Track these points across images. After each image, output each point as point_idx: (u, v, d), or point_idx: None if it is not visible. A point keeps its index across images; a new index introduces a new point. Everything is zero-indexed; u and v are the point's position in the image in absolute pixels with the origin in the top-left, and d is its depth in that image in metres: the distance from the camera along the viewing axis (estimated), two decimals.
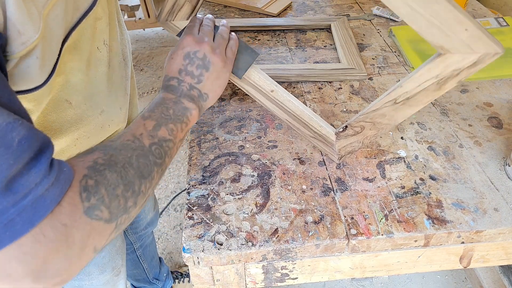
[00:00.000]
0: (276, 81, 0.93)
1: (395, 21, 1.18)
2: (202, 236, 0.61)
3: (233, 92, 0.91)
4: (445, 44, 0.52)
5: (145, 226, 1.09)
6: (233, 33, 0.66)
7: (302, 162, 0.73)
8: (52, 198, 0.36)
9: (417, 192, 0.67)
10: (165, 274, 1.34)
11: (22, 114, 0.37)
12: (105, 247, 0.71)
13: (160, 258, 1.33)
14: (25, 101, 0.48)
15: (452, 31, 0.51)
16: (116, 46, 0.67)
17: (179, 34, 0.66)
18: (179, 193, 1.82)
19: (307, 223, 0.63)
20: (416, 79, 0.58)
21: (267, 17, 1.22)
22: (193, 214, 0.65)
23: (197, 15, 0.67)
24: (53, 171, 0.37)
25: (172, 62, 0.58)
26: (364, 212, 0.64)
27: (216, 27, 0.65)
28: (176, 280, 1.44)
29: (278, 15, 1.22)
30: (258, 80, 0.73)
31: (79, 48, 0.55)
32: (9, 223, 0.33)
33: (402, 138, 0.78)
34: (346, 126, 0.69)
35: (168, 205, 1.78)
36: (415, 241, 0.62)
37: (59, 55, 0.49)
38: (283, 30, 1.15)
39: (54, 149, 0.39)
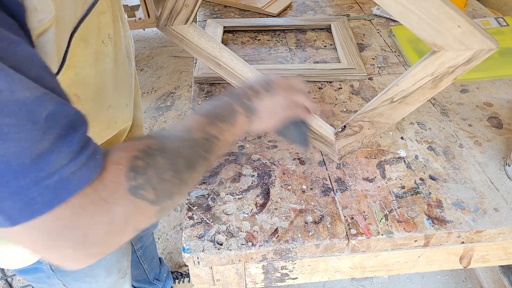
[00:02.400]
0: None
1: (395, 21, 1.18)
2: (202, 236, 0.61)
3: None
4: (438, 41, 0.52)
5: None
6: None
7: (302, 162, 0.73)
8: (77, 183, 0.36)
9: (417, 192, 0.67)
10: (165, 275, 1.34)
11: (55, 89, 0.37)
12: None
13: (160, 259, 1.33)
14: None
15: (444, 28, 0.51)
16: (120, 42, 0.67)
17: None
18: None
19: (307, 223, 0.63)
20: (411, 77, 0.58)
21: (267, 17, 1.22)
22: (193, 214, 0.65)
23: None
24: (84, 153, 0.37)
25: (258, 79, 0.61)
26: (364, 212, 0.64)
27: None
28: (176, 280, 1.44)
29: (278, 15, 1.22)
30: (255, 75, 0.73)
31: (86, 41, 0.55)
32: (30, 201, 0.33)
33: (402, 138, 0.78)
34: (345, 126, 0.69)
35: None
36: (415, 241, 0.62)
37: (68, 46, 0.50)
38: (283, 30, 1.15)
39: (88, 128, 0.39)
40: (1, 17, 0.35)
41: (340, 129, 0.70)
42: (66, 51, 0.49)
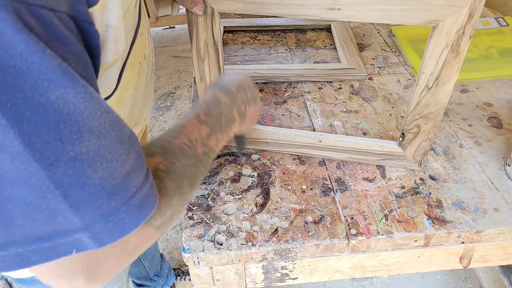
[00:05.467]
0: (276, 81, 0.94)
1: None
2: (202, 236, 0.61)
3: None
4: (431, 18, 0.53)
5: None
6: None
7: (302, 162, 0.73)
8: (153, 199, 0.36)
9: (417, 192, 0.67)
10: (166, 271, 1.34)
11: None
12: None
13: (161, 255, 1.33)
14: None
15: (427, 4, 0.52)
16: (151, 59, 0.68)
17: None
18: None
19: (307, 223, 0.63)
20: (431, 59, 0.57)
21: (267, 17, 1.22)
22: (193, 214, 0.65)
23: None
24: (149, 172, 0.37)
25: (239, 78, 0.58)
26: (364, 212, 0.64)
27: None
28: (178, 278, 1.45)
29: None
30: (303, 138, 0.73)
31: (133, 64, 0.56)
32: (119, 221, 0.33)
33: None
34: (403, 133, 0.67)
35: None
36: (415, 241, 0.62)
37: (122, 70, 0.50)
38: (283, 30, 1.15)
39: None
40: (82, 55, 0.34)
41: (401, 138, 0.68)
42: (120, 76, 0.49)
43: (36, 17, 0.28)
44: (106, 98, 0.47)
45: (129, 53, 0.52)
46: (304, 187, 0.69)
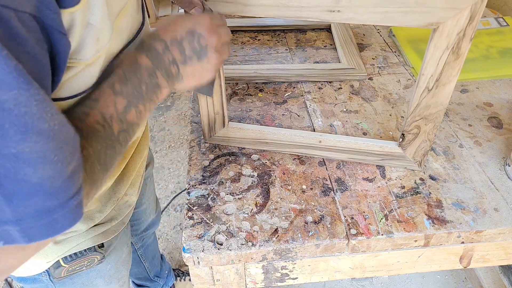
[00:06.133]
0: (276, 81, 0.94)
1: None
2: (202, 236, 0.61)
3: (233, 92, 0.91)
4: (432, 20, 0.53)
5: (145, 228, 1.09)
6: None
7: (302, 162, 0.73)
8: (81, 206, 0.36)
9: (417, 192, 0.67)
10: (166, 272, 1.34)
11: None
12: (111, 259, 0.71)
13: (161, 256, 1.33)
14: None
15: (428, 6, 0.51)
16: None
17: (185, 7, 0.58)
18: (179, 193, 1.82)
19: (307, 223, 0.63)
20: (431, 61, 0.57)
21: (267, 17, 1.22)
22: (193, 214, 0.65)
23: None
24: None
25: (172, 26, 0.49)
26: (364, 212, 0.64)
27: None
28: (178, 278, 1.44)
29: None
30: (303, 138, 0.73)
31: None
32: (53, 221, 0.34)
33: None
34: (403, 134, 0.68)
35: (168, 205, 1.78)
36: (415, 241, 0.62)
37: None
38: (283, 30, 1.15)
39: None
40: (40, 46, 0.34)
41: (401, 139, 0.68)
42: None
43: None
44: (85, 92, 0.45)
45: (121, 52, 0.51)
46: (304, 187, 0.69)
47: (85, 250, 0.64)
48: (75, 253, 0.63)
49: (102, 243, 0.67)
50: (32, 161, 0.31)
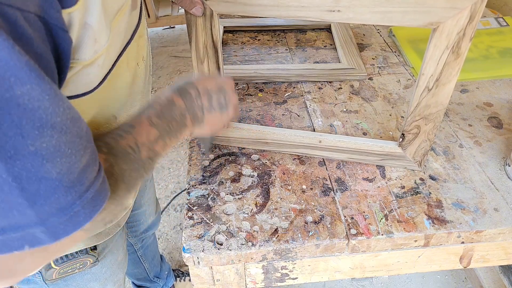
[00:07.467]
0: (276, 81, 0.94)
1: None
2: (202, 236, 0.61)
3: None
4: (432, 20, 0.53)
5: (145, 229, 1.09)
6: None
7: (302, 162, 0.73)
8: (105, 193, 0.37)
9: (417, 192, 0.67)
10: (166, 272, 1.34)
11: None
12: (106, 261, 0.71)
13: (161, 256, 1.33)
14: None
15: (428, 6, 0.51)
16: (148, 63, 0.68)
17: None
18: (179, 193, 1.82)
19: (307, 223, 0.63)
20: (431, 60, 0.57)
21: (267, 17, 1.22)
22: (193, 214, 0.65)
23: None
24: (101, 166, 0.38)
25: (207, 79, 0.58)
26: (364, 212, 0.64)
27: None
28: (178, 279, 1.44)
29: None
30: (303, 138, 0.73)
31: (127, 64, 0.56)
32: (74, 215, 0.34)
33: None
34: (403, 134, 0.67)
35: (168, 205, 1.78)
36: (415, 241, 0.62)
37: (112, 67, 0.50)
38: (283, 30, 1.15)
39: None
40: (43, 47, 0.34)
41: (401, 139, 0.68)
42: (108, 73, 0.50)
43: (1, 15, 0.28)
44: (85, 94, 0.47)
45: (122, 53, 0.52)
46: (304, 187, 0.69)
47: (76, 252, 0.63)
48: (66, 255, 0.63)
49: (95, 246, 0.66)
50: (50, 156, 0.31)
